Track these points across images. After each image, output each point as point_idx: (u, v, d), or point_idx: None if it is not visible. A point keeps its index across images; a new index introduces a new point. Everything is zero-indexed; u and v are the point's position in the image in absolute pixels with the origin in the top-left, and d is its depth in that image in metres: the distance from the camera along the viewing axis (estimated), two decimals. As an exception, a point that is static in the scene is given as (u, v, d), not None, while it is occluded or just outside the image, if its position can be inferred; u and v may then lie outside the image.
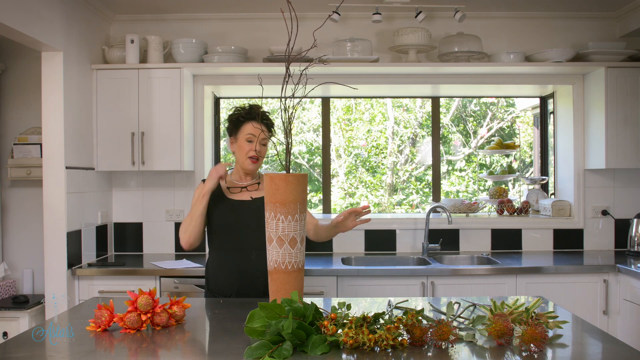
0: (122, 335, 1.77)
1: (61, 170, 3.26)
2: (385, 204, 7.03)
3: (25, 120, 3.86)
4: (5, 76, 3.87)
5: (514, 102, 6.93)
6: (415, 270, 3.30)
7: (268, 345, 1.56)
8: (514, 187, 6.56)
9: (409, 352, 1.60)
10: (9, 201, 3.89)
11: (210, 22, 3.94)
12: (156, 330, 1.83)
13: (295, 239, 1.98)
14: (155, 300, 1.85)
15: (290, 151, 2.04)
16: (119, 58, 3.70)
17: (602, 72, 3.66)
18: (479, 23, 3.92)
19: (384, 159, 7.19)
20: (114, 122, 3.63)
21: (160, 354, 1.66)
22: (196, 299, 2.35)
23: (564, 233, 3.96)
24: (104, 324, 1.81)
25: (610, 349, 1.70)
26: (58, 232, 3.26)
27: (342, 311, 1.71)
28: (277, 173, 1.99)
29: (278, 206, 1.96)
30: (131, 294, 1.85)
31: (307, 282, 3.04)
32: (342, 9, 3.62)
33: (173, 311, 1.88)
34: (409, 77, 3.91)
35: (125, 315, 1.80)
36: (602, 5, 3.79)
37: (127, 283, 3.30)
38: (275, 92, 2.93)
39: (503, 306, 1.86)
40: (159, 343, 1.72)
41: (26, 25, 2.87)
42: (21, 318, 3.42)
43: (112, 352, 1.65)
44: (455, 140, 7.39)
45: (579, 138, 3.93)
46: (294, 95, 1.98)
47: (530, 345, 1.59)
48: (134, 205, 3.96)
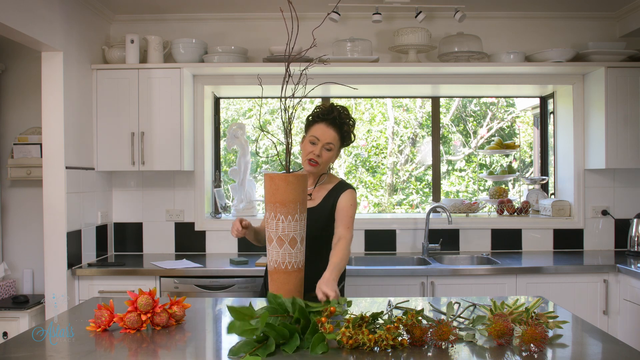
0: (122, 335, 1.78)
1: (61, 170, 3.26)
2: (385, 204, 7.03)
3: (25, 120, 3.86)
4: (5, 76, 3.87)
5: (514, 102, 6.92)
6: (415, 270, 3.30)
7: (252, 343, 1.58)
8: (514, 187, 6.56)
9: (409, 352, 1.60)
10: (9, 201, 3.89)
11: (210, 22, 3.94)
12: (156, 330, 1.83)
13: (295, 239, 1.98)
14: (155, 300, 1.85)
15: (290, 151, 2.04)
16: (119, 58, 3.70)
17: (602, 72, 3.66)
18: (479, 23, 3.92)
19: (384, 159, 7.19)
20: (114, 122, 3.63)
21: (160, 354, 1.66)
22: (197, 299, 2.35)
23: (564, 233, 3.96)
24: (104, 324, 1.81)
25: (610, 349, 1.70)
26: (58, 232, 3.26)
27: (343, 306, 1.71)
28: (277, 173, 1.99)
29: (278, 206, 1.96)
30: (131, 294, 1.85)
31: (307, 282, 3.04)
32: (342, 9, 3.62)
33: (173, 311, 1.88)
34: (409, 77, 3.91)
35: (125, 315, 1.81)
36: (602, 5, 3.79)
37: (127, 283, 3.30)
38: (275, 92, 2.94)
39: (503, 306, 1.86)
40: (159, 343, 1.72)
41: (26, 25, 2.87)
42: (21, 318, 3.42)
43: (112, 352, 1.66)
44: (455, 140, 7.39)
45: (579, 138, 3.93)
46: (294, 95, 1.98)
47: (530, 345, 1.59)
48: (134, 205, 3.96)
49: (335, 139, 2.34)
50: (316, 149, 2.32)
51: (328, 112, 2.34)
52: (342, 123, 2.34)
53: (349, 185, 2.45)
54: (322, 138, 2.31)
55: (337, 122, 2.33)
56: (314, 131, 2.33)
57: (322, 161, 2.33)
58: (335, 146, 2.34)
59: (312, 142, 2.33)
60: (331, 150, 2.34)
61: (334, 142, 2.33)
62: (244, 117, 6.76)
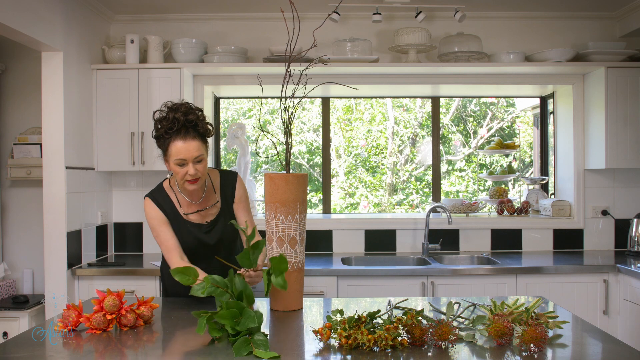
0: (88, 335, 1.78)
1: (61, 170, 3.26)
2: (385, 204, 7.03)
3: (25, 120, 3.86)
4: (5, 76, 3.87)
5: (514, 102, 6.92)
6: (415, 270, 3.30)
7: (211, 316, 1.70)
8: (514, 187, 6.56)
9: (409, 352, 1.59)
10: (9, 201, 3.89)
11: (210, 22, 3.94)
12: (123, 330, 1.84)
13: (295, 239, 1.98)
14: (122, 301, 1.85)
15: (290, 151, 2.04)
16: (119, 58, 3.70)
17: (602, 72, 3.66)
18: (479, 23, 3.92)
19: (384, 159, 7.19)
20: (114, 122, 3.63)
21: (127, 353, 1.66)
22: (170, 298, 2.33)
23: (564, 233, 3.96)
24: (72, 324, 1.82)
25: (610, 349, 1.70)
26: (58, 232, 3.26)
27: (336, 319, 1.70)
28: (277, 173, 1.99)
29: (278, 206, 1.96)
30: (100, 293, 1.86)
31: (307, 282, 3.04)
32: (342, 9, 3.62)
33: (141, 311, 1.88)
34: (409, 77, 3.91)
35: (92, 315, 1.81)
36: (602, 5, 3.79)
37: (127, 283, 3.30)
38: (275, 92, 2.94)
39: (503, 306, 1.86)
40: (126, 343, 1.72)
41: (26, 25, 2.87)
42: (21, 318, 3.42)
43: (80, 352, 1.66)
44: (455, 140, 7.39)
45: (578, 138, 3.93)
46: (294, 95, 1.98)
47: (530, 345, 1.59)
48: (134, 205, 3.96)
49: (201, 147, 2.09)
50: (189, 169, 2.08)
51: (173, 122, 2.05)
52: (194, 124, 2.08)
53: (231, 172, 2.34)
54: (187, 156, 2.07)
55: (190, 127, 2.06)
56: (175, 153, 2.06)
57: (201, 174, 2.12)
58: (205, 152, 2.12)
59: (180, 164, 2.08)
60: (203, 160, 2.11)
61: (202, 151, 2.10)
62: (244, 117, 6.76)
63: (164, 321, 1.99)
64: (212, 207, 2.27)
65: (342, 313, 1.73)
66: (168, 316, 2.06)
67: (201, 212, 2.26)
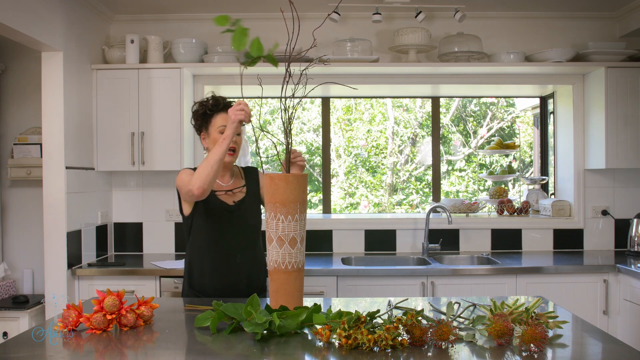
0: (88, 335, 1.78)
1: (61, 170, 3.26)
2: (385, 204, 7.03)
3: (25, 120, 3.86)
4: (5, 76, 3.87)
5: (514, 102, 6.93)
6: (415, 270, 3.30)
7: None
8: (514, 187, 6.57)
9: (409, 352, 1.59)
10: (9, 201, 3.89)
11: (210, 22, 3.90)
12: (123, 330, 1.83)
13: (295, 239, 1.98)
14: (122, 301, 1.85)
15: (290, 151, 2.04)
16: (119, 58, 3.70)
17: (602, 72, 3.66)
18: (479, 23, 3.92)
19: (384, 159, 7.19)
20: (114, 122, 3.63)
21: (127, 353, 1.66)
22: (170, 298, 2.33)
23: (564, 233, 3.96)
24: (72, 324, 1.82)
25: (610, 349, 1.70)
26: (58, 232, 3.26)
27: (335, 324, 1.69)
28: (277, 173, 1.99)
29: (278, 206, 1.96)
30: (100, 293, 1.86)
31: (307, 282, 3.04)
32: (342, 9, 3.62)
33: (141, 311, 1.88)
34: (409, 77, 3.91)
35: (92, 315, 1.81)
36: (602, 5, 3.79)
37: (127, 283, 3.30)
38: (275, 92, 2.94)
39: (503, 306, 1.86)
40: (125, 343, 1.72)
41: (26, 25, 2.87)
42: (21, 318, 3.42)
43: (80, 352, 1.66)
44: (455, 140, 7.39)
45: (578, 138, 3.93)
46: (294, 95, 1.98)
47: (530, 345, 1.59)
48: (134, 205, 3.96)
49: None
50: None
51: (217, 101, 2.44)
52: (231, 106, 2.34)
53: (253, 167, 2.62)
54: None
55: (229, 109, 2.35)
56: (220, 121, 2.40)
57: (238, 146, 2.43)
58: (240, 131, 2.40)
59: (222, 131, 2.38)
60: (240, 134, 2.43)
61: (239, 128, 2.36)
62: (244, 117, 6.75)
63: (164, 321, 1.98)
64: (239, 192, 2.49)
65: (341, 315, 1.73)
66: (168, 316, 2.06)
67: (229, 192, 2.46)
